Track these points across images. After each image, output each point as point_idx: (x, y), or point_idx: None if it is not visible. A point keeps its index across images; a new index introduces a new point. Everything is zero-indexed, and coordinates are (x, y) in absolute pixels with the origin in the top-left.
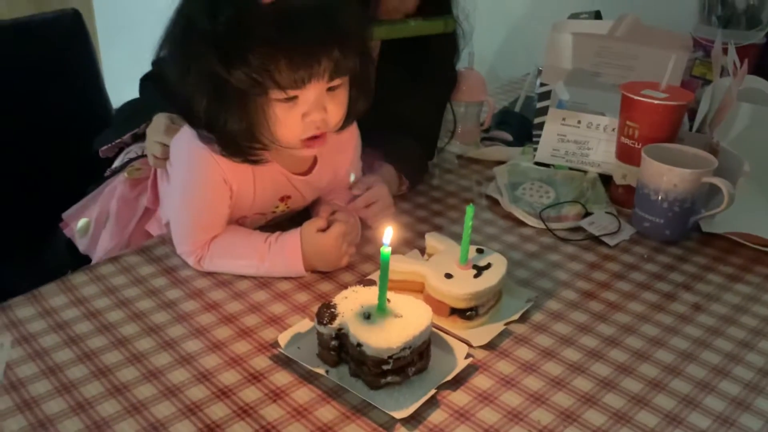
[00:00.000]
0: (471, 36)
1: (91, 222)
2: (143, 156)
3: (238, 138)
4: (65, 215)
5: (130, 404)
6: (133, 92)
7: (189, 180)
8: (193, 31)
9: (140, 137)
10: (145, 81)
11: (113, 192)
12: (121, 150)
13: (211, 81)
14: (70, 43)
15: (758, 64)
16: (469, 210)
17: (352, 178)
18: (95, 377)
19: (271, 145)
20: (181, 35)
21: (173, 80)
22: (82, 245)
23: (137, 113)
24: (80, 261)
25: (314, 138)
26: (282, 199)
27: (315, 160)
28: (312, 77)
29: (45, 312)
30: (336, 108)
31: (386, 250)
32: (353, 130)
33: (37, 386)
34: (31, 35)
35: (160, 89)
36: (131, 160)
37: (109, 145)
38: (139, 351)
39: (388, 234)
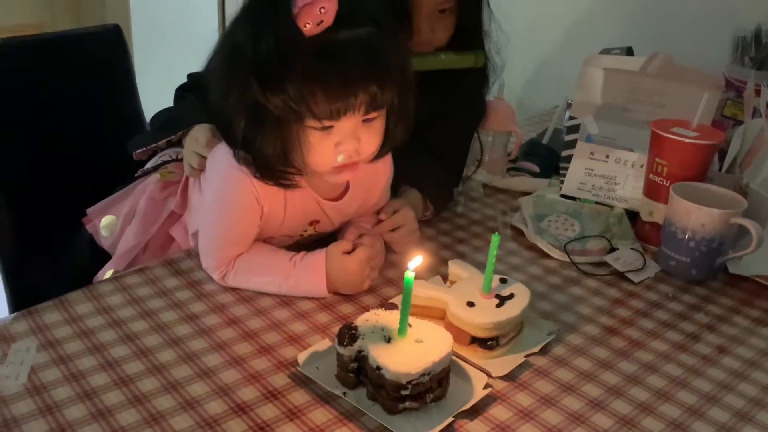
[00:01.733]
0: (502, 70)
1: (117, 219)
2: (177, 160)
3: (273, 161)
4: (90, 211)
5: (149, 414)
6: (164, 102)
7: (222, 197)
8: (237, 55)
9: (174, 144)
10: (182, 91)
11: (143, 191)
12: (154, 153)
13: (251, 105)
14: (110, 55)
15: None
16: (495, 239)
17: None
18: (116, 386)
19: (303, 170)
20: (226, 58)
21: (215, 99)
22: (105, 242)
23: (173, 121)
24: (101, 257)
25: (346, 165)
26: (311, 223)
27: (347, 187)
28: (348, 110)
29: (71, 319)
30: (371, 139)
31: (410, 275)
32: (387, 160)
33: (59, 391)
34: (76, 47)
35: (201, 104)
36: (164, 162)
37: (144, 148)
38: (161, 362)
39: (416, 261)
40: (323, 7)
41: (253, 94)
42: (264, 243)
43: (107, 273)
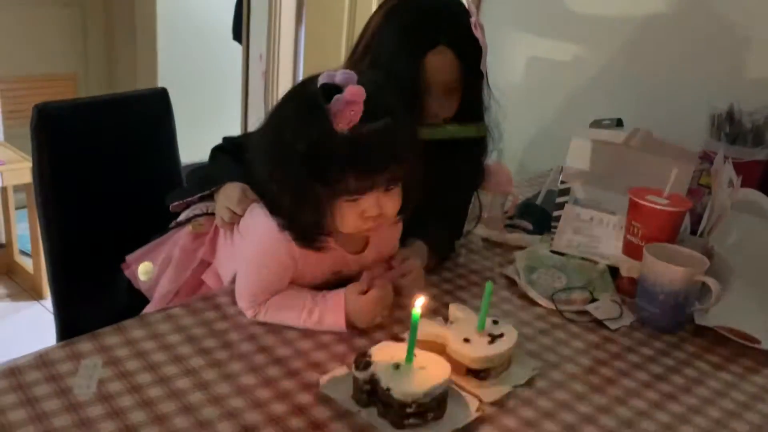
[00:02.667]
0: (500, 140)
1: (153, 266)
2: (208, 214)
3: (309, 228)
4: (129, 258)
5: (197, 421)
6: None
7: (261, 253)
8: (286, 149)
9: (206, 197)
10: (217, 152)
11: (177, 242)
12: (187, 206)
13: (295, 186)
14: (158, 115)
15: (762, 179)
16: (488, 286)
17: None
18: (168, 398)
19: (334, 233)
20: (274, 147)
21: (259, 173)
22: (143, 285)
23: (209, 178)
24: (138, 301)
25: (370, 228)
26: (334, 273)
27: (367, 242)
28: (373, 187)
29: (127, 342)
30: (391, 204)
31: (417, 311)
32: (399, 222)
33: (124, 399)
34: (129, 108)
35: (240, 167)
36: (196, 216)
37: (180, 201)
38: (205, 380)
39: (421, 301)
40: (353, 110)
41: (300, 179)
42: (291, 284)
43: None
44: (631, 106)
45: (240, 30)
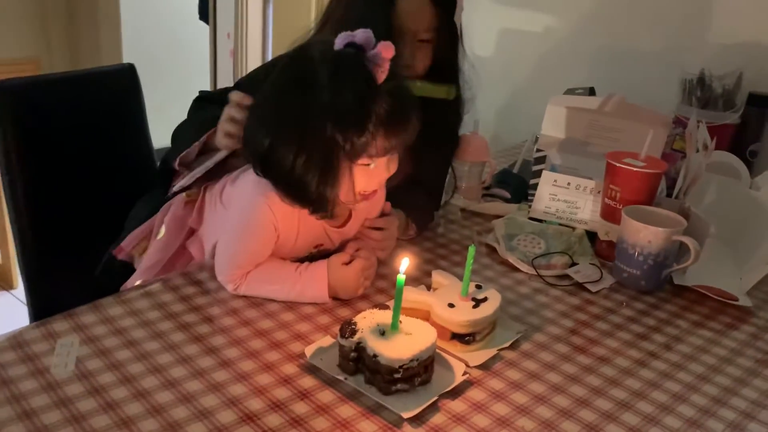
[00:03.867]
0: (473, 104)
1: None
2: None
3: (322, 196)
4: (124, 243)
5: (181, 395)
6: (158, 137)
7: (244, 221)
8: (307, 105)
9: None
10: (200, 102)
11: (167, 209)
12: (188, 166)
13: (319, 148)
14: (125, 92)
15: (733, 141)
16: (471, 250)
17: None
18: (151, 373)
19: (333, 202)
20: (288, 109)
21: (259, 144)
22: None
23: (204, 123)
24: (119, 281)
25: (368, 195)
26: (316, 246)
27: (350, 216)
28: (394, 147)
29: (105, 319)
30: (394, 169)
31: (401, 277)
32: (383, 191)
33: (104, 377)
34: (91, 86)
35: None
36: (190, 187)
37: (183, 153)
38: (187, 354)
39: (405, 264)
40: (387, 66)
41: (326, 142)
42: (272, 257)
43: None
44: (604, 75)
45: (206, 9)
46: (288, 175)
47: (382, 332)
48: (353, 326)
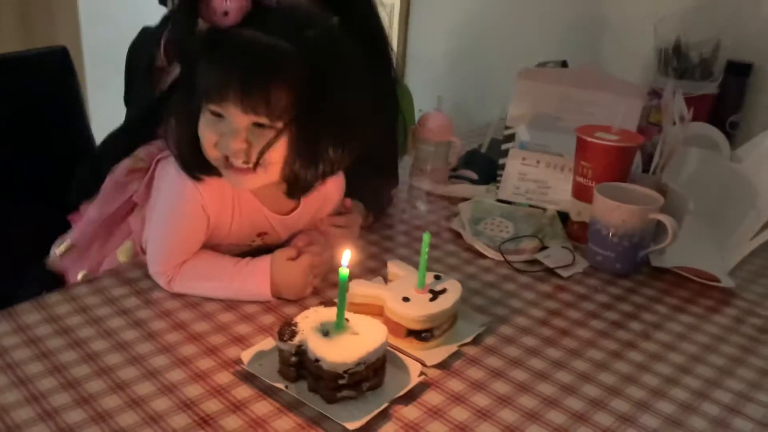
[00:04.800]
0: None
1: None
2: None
3: (185, 146)
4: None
5: (96, 413)
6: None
7: (170, 204)
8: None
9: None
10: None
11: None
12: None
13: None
14: (58, 77)
15: (711, 112)
16: (426, 237)
17: None
18: (64, 389)
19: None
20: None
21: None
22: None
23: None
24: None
25: (240, 170)
26: (259, 235)
27: (298, 204)
28: (224, 102)
29: (19, 328)
30: (262, 145)
31: (344, 270)
32: (339, 184)
33: (7, 395)
34: (22, 70)
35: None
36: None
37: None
38: (108, 365)
39: (346, 256)
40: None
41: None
42: (210, 250)
43: (63, 245)
44: (576, 47)
45: None
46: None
47: (325, 333)
48: (293, 327)
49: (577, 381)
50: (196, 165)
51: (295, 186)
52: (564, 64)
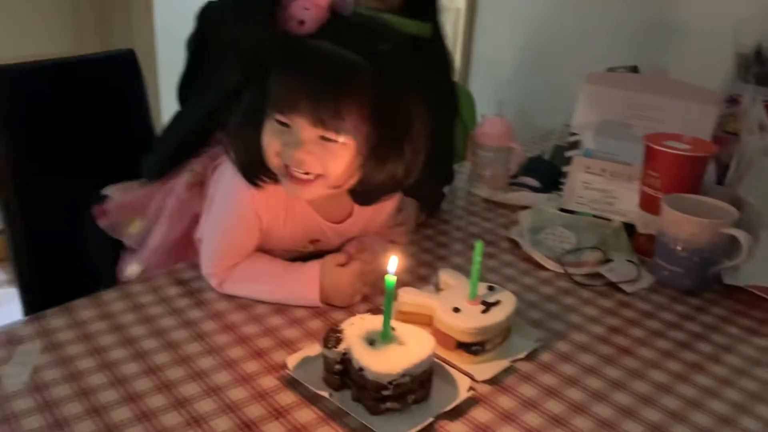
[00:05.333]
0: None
1: (142, 219)
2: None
3: (246, 151)
4: (109, 207)
5: (140, 412)
6: None
7: (223, 207)
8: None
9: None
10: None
11: (171, 191)
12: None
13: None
14: (124, 77)
15: None
16: (478, 246)
17: None
18: (112, 386)
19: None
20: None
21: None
22: (129, 239)
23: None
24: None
25: (299, 180)
26: (312, 242)
27: (351, 212)
28: (294, 113)
29: (75, 323)
30: (327, 159)
31: (391, 278)
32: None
33: (58, 390)
34: (91, 71)
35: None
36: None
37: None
38: (156, 364)
39: (393, 263)
40: (307, 8)
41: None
42: (262, 253)
43: (133, 268)
44: (648, 52)
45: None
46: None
47: (371, 341)
48: (338, 334)
49: (636, 404)
50: (256, 171)
51: (362, 197)
52: (634, 69)
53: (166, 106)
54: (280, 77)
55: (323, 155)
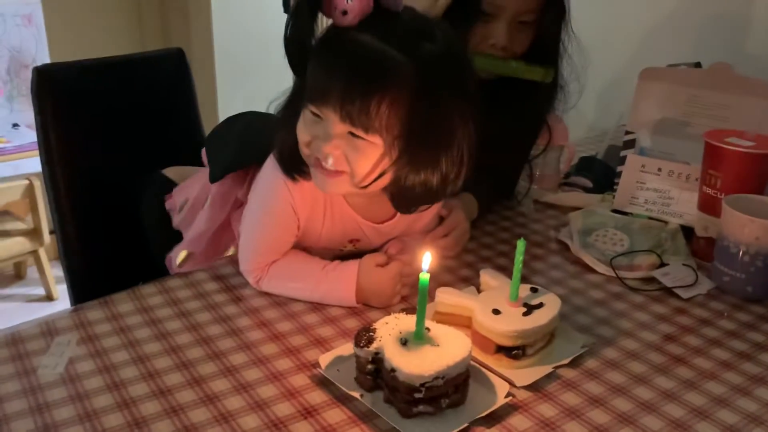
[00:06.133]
0: (580, 96)
1: (188, 201)
2: None
3: (286, 144)
4: (175, 191)
5: (170, 406)
6: None
7: (263, 204)
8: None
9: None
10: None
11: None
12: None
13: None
14: (174, 76)
15: None
16: (520, 245)
17: None
18: (144, 379)
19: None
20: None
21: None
22: (175, 220)
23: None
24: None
25: (326, 171)
26: (351, 241)
27: (394, 214)
28: (326, 105)
29: (112, 316)
30: (355, 157)
31: (425, 276)
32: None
33: (91, 381)
34: (140, 70)
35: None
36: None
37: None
38: (189, 359)
39: (427, 260)
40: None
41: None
42: (300, 251)
43: (181, 254)
44: (712, 48)
45: (290, 1)
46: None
47: (404, 342)
48: (371, 333)
49: (689, 417)
50: (294, 164)
51: (401, 201)
52: (698, 66)
53: (222, 105)
54: (317, 67)
55: (350, 151)
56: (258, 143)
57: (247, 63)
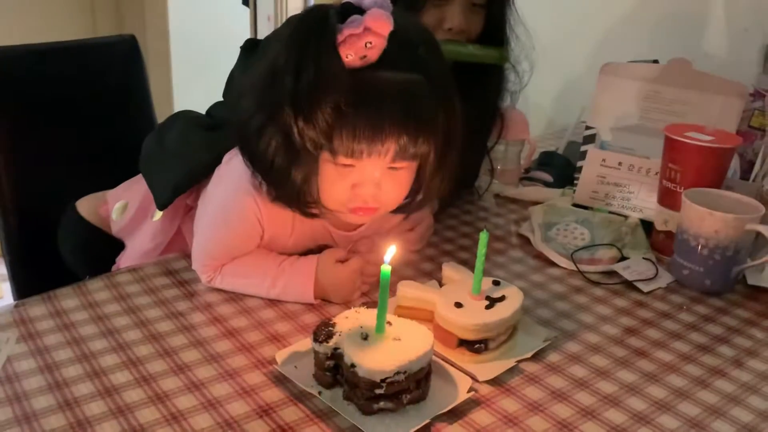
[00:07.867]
0: (530, 76)
1: (129, 205)
2: None
3: (292, 188)
4: (109, 194)
5: (116, 406)
6: None
7: (225, 209)
8: (276, 80)
9: None
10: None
11: None
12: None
13: (281, 131)
14: (126, 63)
15: None
16: (483, 237)
17: None
18: (89, 378)
19: (318, 204)
20: (264, 80)
21: (245, 116)
22: (115, 226)
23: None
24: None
25: (362, 209)
26: (319, 247)
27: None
28: (371, 154)
29: (55, 312)
30: (393, 188)
31: (386, 268)
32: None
33: (31, 381)
34: (88, 57)
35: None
36: None
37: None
38: (137, 356)
39: (390, 253)
40: (370, 42)
41: (285, 120)
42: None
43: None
44: (668, 45)
45: None
46: (262, 158)
47: (364, 336)
48: (330, 328)
49: (652, 410)
50: (307, 206)
51: (403, 207)
52: (655, 63)
53: (178, 96)
54: (349, 118)
55: (391, 183)
56: (199, 158)
57: (205, 53)
